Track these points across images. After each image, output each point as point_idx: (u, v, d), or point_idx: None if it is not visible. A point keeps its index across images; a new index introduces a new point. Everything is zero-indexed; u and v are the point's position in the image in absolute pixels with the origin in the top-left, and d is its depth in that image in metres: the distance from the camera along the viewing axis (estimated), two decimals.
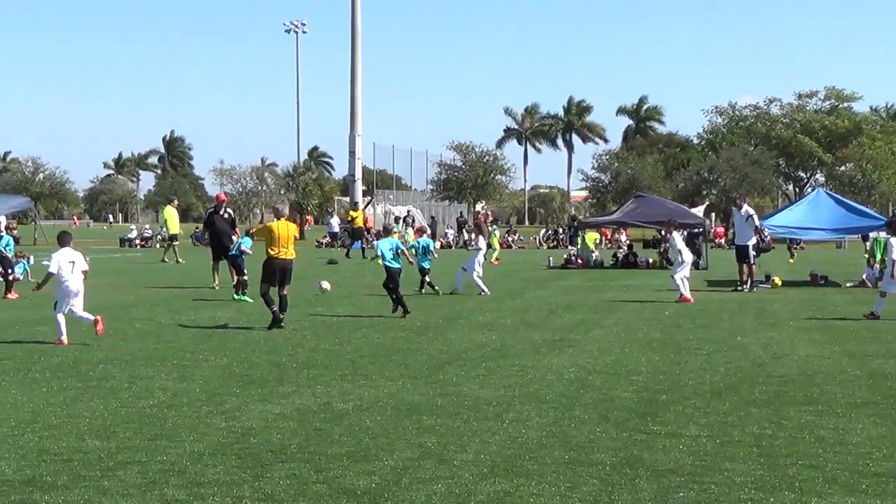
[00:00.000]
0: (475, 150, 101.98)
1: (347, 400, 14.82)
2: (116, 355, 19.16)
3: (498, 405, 14.47)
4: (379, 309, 27.66)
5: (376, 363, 18.31)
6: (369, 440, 12.31)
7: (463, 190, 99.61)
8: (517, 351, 19.93)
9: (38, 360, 18.57)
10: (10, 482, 10.47)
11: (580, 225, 57.81)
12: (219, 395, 15.22)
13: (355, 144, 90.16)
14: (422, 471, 10.91)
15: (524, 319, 25.38)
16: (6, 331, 22.89)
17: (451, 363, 18.32)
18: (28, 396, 15.06)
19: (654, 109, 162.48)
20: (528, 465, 11.17)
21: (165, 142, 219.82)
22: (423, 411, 14.01)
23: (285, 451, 11.77)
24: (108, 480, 10.53)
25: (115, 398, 14.93)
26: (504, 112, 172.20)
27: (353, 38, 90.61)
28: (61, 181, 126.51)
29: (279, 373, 17.23)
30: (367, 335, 22.19)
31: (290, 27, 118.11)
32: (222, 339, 21.58)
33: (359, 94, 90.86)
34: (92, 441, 12.24)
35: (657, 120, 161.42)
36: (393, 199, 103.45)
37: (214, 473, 10.79)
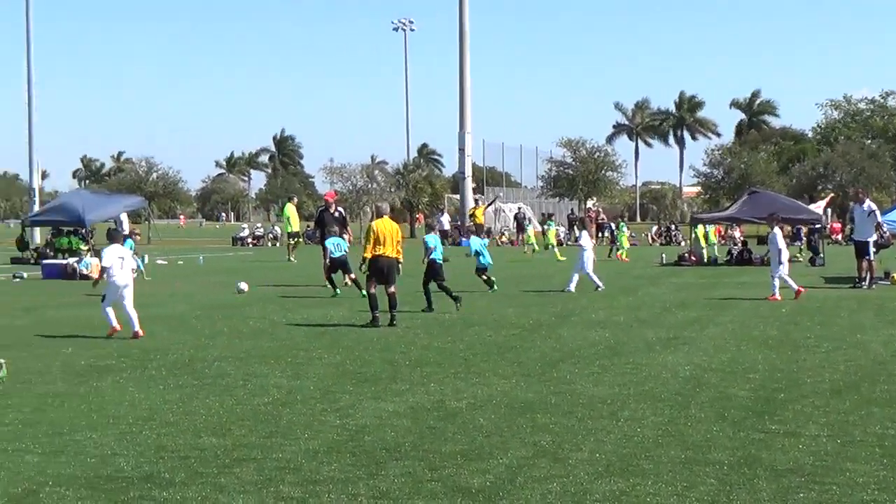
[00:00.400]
0: (585, 146, 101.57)
1: (461, 398, 14.79)
2: (231, 353, 19.32)
3: (612, 403, 14.35)
4: (490, 307, 27.62)
5: (489, 361, 18.26)
6: (483, 438, 12.26)
7: (573, 186, 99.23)
8: (631, 348, 19.77)
9: (154, 357, 18.78)
10: (128, 478, 10.58)
11: (693, 220, 57.23)
12: (333, 392, 15.27)
13: (465, 142, 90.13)
14: (536, 469, 10.84)
15: (637, 317, 25.18)
16: (124, 328, 23.15)
17: (565, 361, 18.21)
18: (145, 394, 15.23)
19: (768, 103, 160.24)
20: (644, 464, 11.05)
21: (276, 140, 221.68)
22: (537, 409, 13.94)
23: (399, 448, 11.77)
24: (224, 477, 10.60)
25: (230, 395, 15.05)
26: (614, 107, 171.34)
27: (461, 34, 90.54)
28: (174, 180, 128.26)
29: (392, 370, 17.25)
30: (479, 333, 22.15)
31: (398, 25, 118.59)
32: (335, 336, 21.67)
33: (468, 90, 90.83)
34: (208, 438, 12.34)
35: (771, 113, 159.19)
36: (503, 197, 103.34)
37: (329, 471, 10.82)
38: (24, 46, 78.77)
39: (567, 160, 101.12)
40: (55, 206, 56.68)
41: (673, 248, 64.35)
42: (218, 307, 28.02)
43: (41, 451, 11.70)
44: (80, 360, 18.45)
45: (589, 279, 32.77)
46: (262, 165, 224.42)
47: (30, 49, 78.39)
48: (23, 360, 18.57)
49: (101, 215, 54.21)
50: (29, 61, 78.67)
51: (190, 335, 21.92)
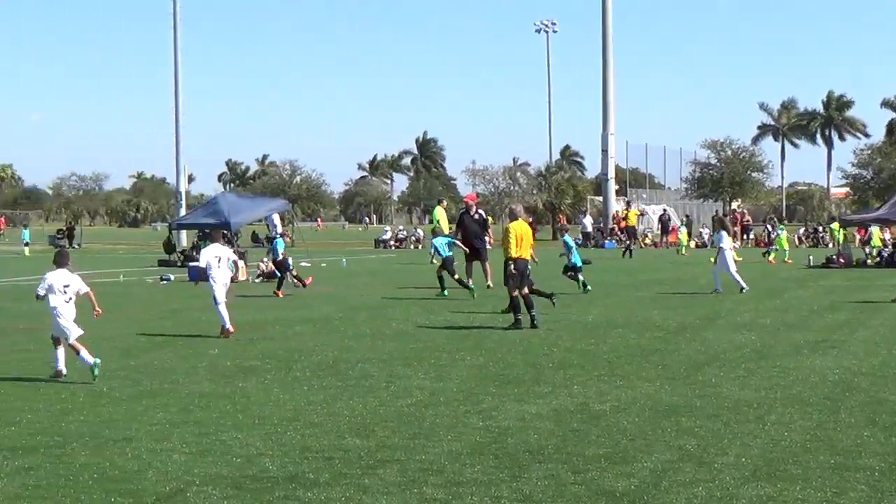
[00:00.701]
0: (730, 146, 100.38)
1: (604, 400, 14.68)
2: (374, 355, 19.41)
3: (759, 407, 14.12)
4: (634, 309, 27.42)
5: (633, 364, 18.10)
6: (627, 441, 12.14)
7: (719, 188, 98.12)
8: (778, 352, 19.46)
9: (298, 359, 18.95)
10: (273, 478, 10.66)
11: (842, 222, 56.24)
12: (475, 394, 15.25)
13: (608, 143, 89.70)
14: (681, 473, 10.70)
15: (784, 320, 24.78)
16: (268, 329, 23.45)
17: (710, 364, 17.99)
18: (290, 395, 15.36)
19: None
20: (792, 469, 10.84)
21: (418, 143, 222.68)
22: (682, 413, 13.77)
23: (542, 451, 11.70)
24: (368, 478, 10.63)
25: (373, 397, 15.10)
26: (759, 108, 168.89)
27: (604, 35, 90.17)
28: (317, 183, 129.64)
29: (535, 373, 17.18)
30: (623, 335, 21.98)
31: (540, 27, 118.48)
32: (478, 338, 21.67)
33: (611, 91, 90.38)
34: (352, 439, 12.39)
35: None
36: (646, 198, 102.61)
37: (472, 473, 10.79)
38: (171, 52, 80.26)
39: (711, 161, 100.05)
40: (201, 210, 57.64)
41: (820, 250, 63.25)
42: (361, 309, 28.21)
43: (188, 451, 11.86)
44: (226, 361, 18.70)
45: (732, 280, 32.36)
46: (405, 168, 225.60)
47: (177, 55, 79.88)
48: (169, 360, 18.88)
49: (246, 218, 55.01)
50: (176, 67, 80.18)
51: (334, 337, 22.09)
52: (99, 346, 20.68)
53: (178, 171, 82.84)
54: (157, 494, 10.17)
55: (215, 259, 22.94)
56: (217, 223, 51.04)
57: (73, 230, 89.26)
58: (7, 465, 11.24)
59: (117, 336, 22.51)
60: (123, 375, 17.23)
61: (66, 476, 10.78)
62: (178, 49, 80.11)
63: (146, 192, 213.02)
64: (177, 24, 79.90)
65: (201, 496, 10.09)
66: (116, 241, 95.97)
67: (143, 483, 10.53)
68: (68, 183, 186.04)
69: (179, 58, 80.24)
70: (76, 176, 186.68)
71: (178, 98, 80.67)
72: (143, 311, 28.49)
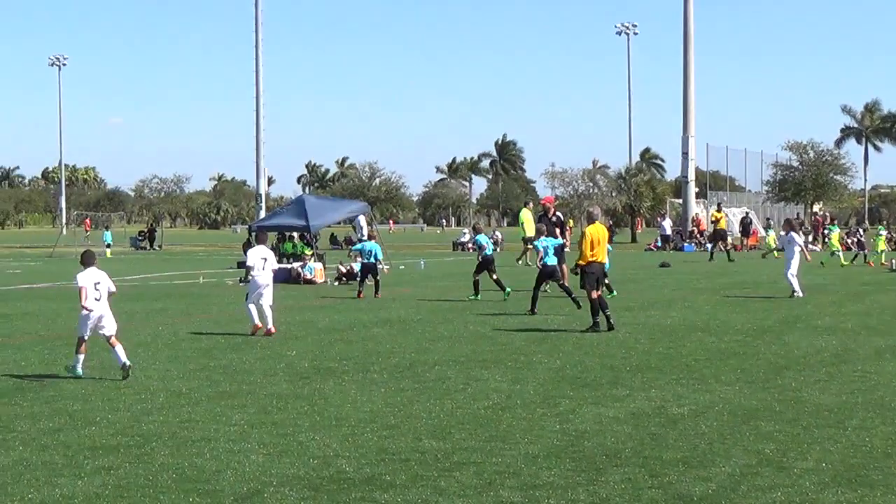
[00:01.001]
0: (812, 149, 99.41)
1: (682, 404, 14.59)
2: (451, 357, 19.42)
3: (839, 412, 13.97)
4: (714, 312, 27.23)
5: (711, 367, 17.97)
6: (705, 445, 12.06)
7: (801, 191, 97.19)
8: (860, 356, 19.24)
9: (375, 361, 19.00)
10: (350, 480, 10.70)
11: None
12: (552, 397, 15.21)
13: (688, 145, 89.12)
14: (760, 478, 10.61)
15: (866, 323, 24.48)
16: (346, 332, 23.53)
17: (790, 368, 17.82)
18: (367, 396, 15.40)
19: None
20: (873, 474, 10.72)
21: (497, 146, 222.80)
22: (761, 417, 13.66)
23: (619, 454, 11.65)
24: (444, 480, 10.63)
25: (450, 399, 15.11)
26: (841, 111, 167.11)
27: (685, 38, 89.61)
28: (396, 185, 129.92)
29: (613, 376, 17.11)
30: (701, 339, 21.83)
31: (621, 29, 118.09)
32: (555, 341, 21.61)
33: (691, 94, 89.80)
34: (429, 441, 12.40)
35: None
36: (727, 201, 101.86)
37: (549, 476, 10.76)
38: (252, 55, 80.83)
39: (793, 164, 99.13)
40: (285, 210, 57.87)
41: None
42: (439, 311, 28.24)
43: (265, 452, 11.93)
44: (304, 363, 18.79)
45: (787, 282, 31.87)
46: (484, 170, 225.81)
47: (258, 57, 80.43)
48: (248, 362, 19.00)
49: (326, 220, 55.21)
50: (257, 69, 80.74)
51: (411, 339, 22.13)
52: (178, 347, 20.96)
53: (258, 174, 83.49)
54: (235, 495, 10.24)
55: (261, 260, 23.64)
56: (297, 225, 51.39)
57: (154, 232, 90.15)
58: (87, 465, 11.36)
59: (197, 337, 22.72)
60: (203, 376, 17.37)
61: (145, 476, 10.88)
62: (260, 52, 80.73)
63: (227, 195, 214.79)
64: (259, 27, 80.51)
65: (278, 497, 10.15)
66: (196, 243, 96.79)
67: (221, 483, 10.61)
68: (150, 185, 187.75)
69: (261, 60, 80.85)
70: (158, 178, 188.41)
71: (260, 100, 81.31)
72: (223, 312, 28.70)
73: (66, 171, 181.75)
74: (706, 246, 78.21)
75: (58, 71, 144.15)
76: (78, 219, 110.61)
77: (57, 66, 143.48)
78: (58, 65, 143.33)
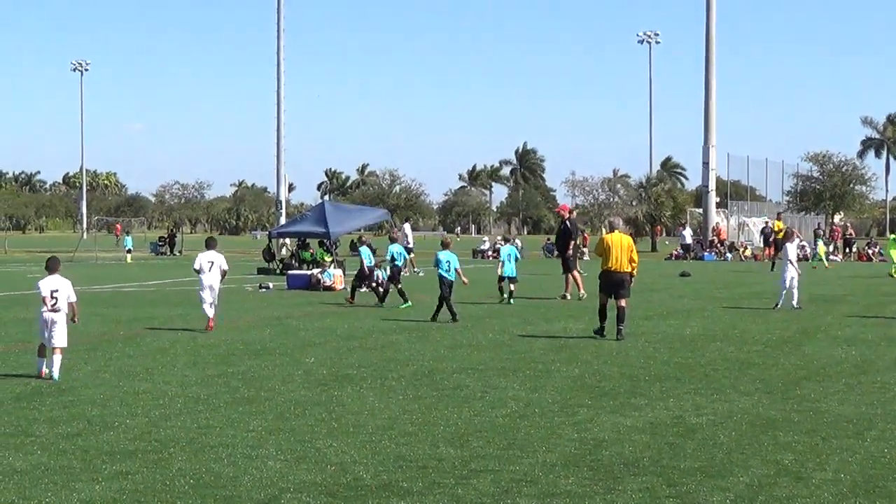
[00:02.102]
0: (833, 159, 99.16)
1: (701, 414, 14.56)
2: (470, 365, 19.41)
3: (859, 423, 13.93)
4: (733, 322, 27.17)
5: (730, 377, 17.93)
6: (723, 455, 12.03)
7: (821, 201, 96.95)
8: (880, 367, 19.17)
9: (393, 368, 18.99)
10: (367, 486, 10.69)
11: None
12: (570, 406, 15.20)
13: (709, 155, 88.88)
14: (778, 489, 10.58)
15: (886, 334, 24.39)
16: (365, 339, 23.54)
17: (809, 378, 17.77)
18: (385, 403, 15.40)
19: None
20: (892, 486, 10.69)
21: (518, 154, 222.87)
22: (779, 427, 13.62)
23: (637, 464, 11.63)
24: (461, 488, 10.62)
25: (468, 407, 15.10)
26: (862, 123, 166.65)
27: (707, 47, 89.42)
28: (416, 193, 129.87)
29: (631, 385, 17.08)
30: (720, 349, 21.78)
31: (643, 38, 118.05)
32: (574, 350, 21.58)
33: (713, 103, 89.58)
34: (446, 449, 12.40)
35: None
36: (748, 211, 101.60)
37: (566, 484, 10.75)
38: (274, 62, 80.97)
39: (814, 174, 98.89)
40: (306, 217, 58.00)
41: None
42: (459, 319, 28.19)
43: (283, 458, 11.93)
44: (322, 370, 18.79)
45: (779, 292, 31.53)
46: (504, 179, 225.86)
47: (280, 64, 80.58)
48: (266, 368, 19.02)
49: (346, 228, 55.33)
50: (279, 76, 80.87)
51: (430, 346, 22.12)
52: (198, 353, 20.98)
53: (278, 180, 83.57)
54: (253, 501, 10.24)
55: (208, 263, 25.72)
56: (317, 232, 51.53)
57: (175, 237, 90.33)
58: (105, 470, 11.38)
59: (215, 343, 22.73)
60: (221, 382, 17.39)
61: (162, 481, 10.90)
62: (282, 59, 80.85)
63: (247, 201, 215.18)
64: (280, 34, 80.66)
65: (295, 503, 10.15)
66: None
67: (239, 489, 10.61)
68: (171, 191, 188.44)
69: (282, 67, 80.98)
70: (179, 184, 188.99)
71: (281, 107, 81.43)
72: (242, 318, 28.73)
73: (88, 176, 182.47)
74: (726, 255, 78.13)
75: (80, 76, 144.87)
76: (99, 224, 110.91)
77: (79, 71, 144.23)
78: (80, 70, 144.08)
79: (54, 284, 18.04)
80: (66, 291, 18.00)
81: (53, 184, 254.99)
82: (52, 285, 18.03)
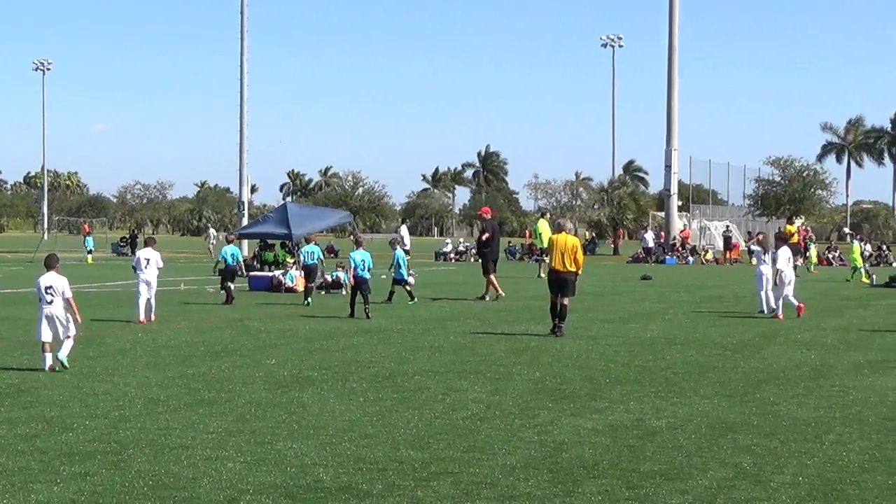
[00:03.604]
0: (794, 164, 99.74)
1: (661, 417, 14.61)
2: (431, 367, 19.41)
3: (817, 426, 14.00)
4: (694, 326, 27.27)
5: (691, 380, 18.00)
6: (683, 458, 12.08)
7: (781, 205, 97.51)
8: (838, 371, 19.28)
9: (355, 370, 18.98)
10: (327, 489, 10.68)
11: None
12: (531, 408, 15.22)
13: (671, 159, 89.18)
14: (737, 491, 10.63)
15: (845, 339, 24.54)
16: (326, 341, 23.51)
17: (769, 382, 17.85)
18: (345, 405, 15.39)
19: None
20: (849, 489, 10.75)
21: (481, 156, 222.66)
22: (739, 430, 13.69)
23: (597, 466, 11.66)
24: (421, 490, 10.62)
25: (429, 409, 15.10)
26: (821, 129, 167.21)
27: (670, 51, 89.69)
28: (379, 195, 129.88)
29: (592, 388, 17.12)
30: (681, 352, 21.86)
31: (606, 41, 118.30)
32: (535, 353, 21.61)
33: (675, 107, 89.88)
34: (406, 451, 12.40)
35: None
36: (709, 214, 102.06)
37: (526, 487, 10.76)
38: (237, 63, 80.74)
39: (775, 178, 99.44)
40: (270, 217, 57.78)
41: (884, 270, 62.47)
42: (419, 321, 28.22)
43: (243, 460, 11.91)
44: (283, 371, 18.76)
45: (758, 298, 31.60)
46: (467, 181, 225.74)
47: (243, 65, 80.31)
48: (227, 369, 18.97)
49: (308, 229, 55.17)
50: (241, 77, 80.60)
51: (391, 349, 22.11)
52: (158, 354, 20.91)
53: (241, 181, 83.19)
54: (212, 503, 10.21)
55: (144, 260, 28.15)
56: (280, 233, 51.33)
57: (136, 238, 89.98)
58: (64, 471, 11.33)
59: (176, 344, 22.66)
60: (182, 383, 17.33)
61: (121, 483, 10.85)
62: (245, 59, 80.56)
63: (210, 202, 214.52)
64: (244, 35, 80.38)
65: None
66: (178, 250, 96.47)
67: (198, 491, 10.58)
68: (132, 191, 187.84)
69: (245, 68, 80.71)
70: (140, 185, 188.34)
71: (244, 108, 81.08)
72: (203, 319, 28.65)
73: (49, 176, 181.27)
74: (688, 259, 78.43)
75: (42, 76, 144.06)
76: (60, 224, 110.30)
77: (41, 70, 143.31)
78: (42, 69, 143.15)
79: (49, 281, 18.91)
80: (61, 288, 18.87)
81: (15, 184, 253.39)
82: (48, 282, 18.91)
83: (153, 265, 28.15)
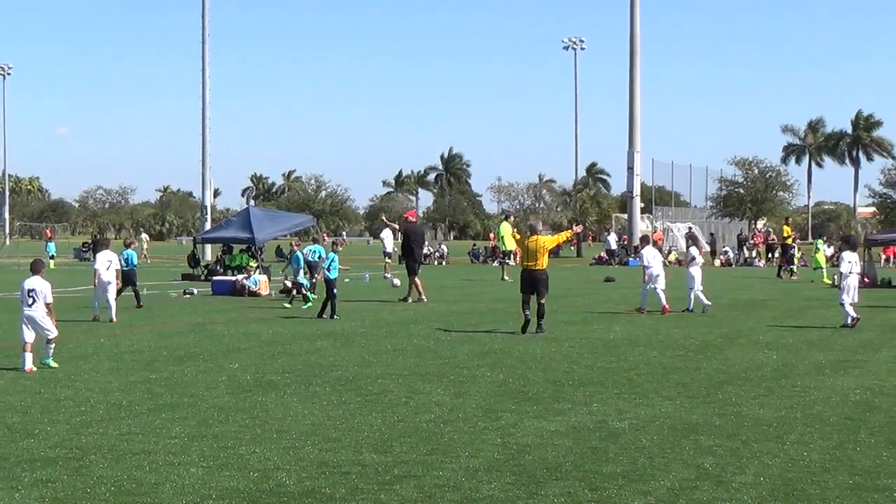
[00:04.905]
0: (757, 165, 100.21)
1: (624, 418, 14.65)
2: (394, 370, 19.41)
3: (779, 426, 14.07)
4: (657, 327, 27.35)
5: (653, 382, 18.06)
6: (645, 459, 12.12)
7: (742, 206, 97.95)
8: (799, 371, 19.38)
9: (318, 374, 18.96)
10: (290, 493, 10.67)
11: (868, 242, 55.82)
12: (494, 411, 15.24)
13: (634, 160, 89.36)
14: (699, 492, 10.67)
15: (806, 339, 24.66)
16: (290, 345, 23.47)
17: (731, 382, 17.93)
18: (308, 409, 15.37)
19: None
20: (811, 489, 10.80)
21: (444, 159, 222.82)
22: (701, 431, 13.74)
23: (560, 468, 11.68)
24: (384, 494, 10.62)
25: (392, 412, 15.10)
26: (782, 131, 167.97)
27: (631, 53, 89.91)
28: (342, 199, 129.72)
29: (555, 390, 17.16)
30: (643, 353, 21.93)
31: (568, 44, 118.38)
32: (499, 355, 21.63)
33: (637, 109, 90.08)
34: (369, 454, 12.39)
35: None
36: (672, 216, 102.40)
37: (489, 490, 10.78)
38: (199, 67, 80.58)
39: (738, 180, 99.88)
40: (232, 222, 57.60)
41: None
42: (383, 324, 28.21)
43: (206, 465, 11.87)
44: (246, 376, 18.72)
45: (698, 298, 31.90)
46: (430, 184, 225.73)
47: (205, 69, 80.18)
48: (190, 374, 18.92)
49: (271, 233, 55.02)
50: (203, 82, 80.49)
51: (355, 352, 22.10)
52: (121, 359, 20.84)
53: (204, 186, 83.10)
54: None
55: (106, 262, 29.51)
56: (243, 237, 51.19)
57: (98, 243, 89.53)
58: (25, 478, 11.27)
59: (139, 349, 22.59)
60: (144, 388, 17.27)
61: (83, 489, 10.81)
62: (207, 63, 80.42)
63: (172, 206, 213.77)
64: (205, 38, 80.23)
65: None
66: (141, 255, 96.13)
67: (161, 496, 10.55)
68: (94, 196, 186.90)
69: (207, 72, 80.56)
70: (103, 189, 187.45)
71: (206, 113, 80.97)
72: (166, 324, 28.56)
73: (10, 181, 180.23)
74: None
75: (2, 80, 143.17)
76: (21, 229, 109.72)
77: (1, 74, 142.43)
78: (2, 73, 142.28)
79: (33, 284, 19.43)
80: (43, 292, 19.37)
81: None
82: (31, 285, 19.43)
83: (113, 267, 29.81)
